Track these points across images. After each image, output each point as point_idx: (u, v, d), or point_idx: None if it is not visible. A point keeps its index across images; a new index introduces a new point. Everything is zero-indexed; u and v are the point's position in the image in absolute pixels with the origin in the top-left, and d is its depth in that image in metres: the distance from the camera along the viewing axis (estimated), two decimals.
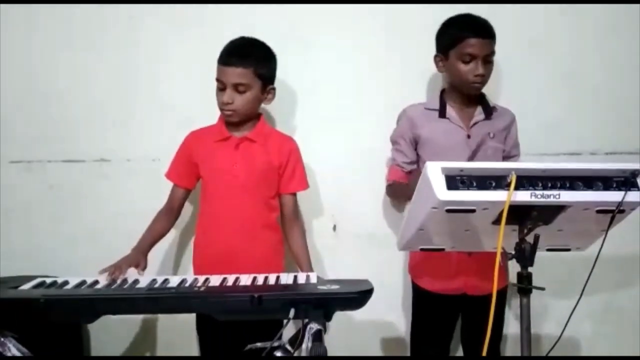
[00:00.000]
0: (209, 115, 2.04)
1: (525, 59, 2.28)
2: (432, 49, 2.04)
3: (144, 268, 1.84)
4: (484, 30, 1.94)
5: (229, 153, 1.98)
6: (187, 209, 2.20)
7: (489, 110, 2.04)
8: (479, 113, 2.03)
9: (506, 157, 2.08)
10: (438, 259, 1.98)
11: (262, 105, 2.03)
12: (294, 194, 2.08)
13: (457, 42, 1.93)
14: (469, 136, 2.00)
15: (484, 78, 1.96)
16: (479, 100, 2.04)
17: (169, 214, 2.05)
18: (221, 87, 1.93)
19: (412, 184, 2.04)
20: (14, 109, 2.29)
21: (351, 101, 2.30)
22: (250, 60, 1.91)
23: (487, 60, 1.95)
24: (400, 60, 2.28)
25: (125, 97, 2.28)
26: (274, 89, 2.00)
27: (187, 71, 2.24)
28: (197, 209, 2.12)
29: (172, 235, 2.15)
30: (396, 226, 2.30)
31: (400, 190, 2.09)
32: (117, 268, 1.76)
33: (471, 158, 1.97)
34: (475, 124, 2.01)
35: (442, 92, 2.08)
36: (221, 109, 1.95)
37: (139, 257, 1.86)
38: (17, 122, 2.29)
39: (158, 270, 2.22)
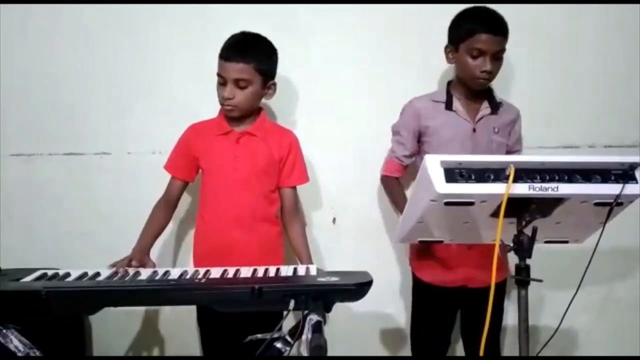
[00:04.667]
0: (210, 108, 2.04)
1: (525, 52, 2.28)
2: (434, 44, 2.04)
3: (153, 266, 1.85)
4: (496, 27, 1.92)
5: (229, 147, 1.98)
6: (185, 200, 2.21)
7: (496, 105, 2.03)
8: (485, 107, 2.02)
9: (508, 152, 2.09)
10: (438, 251, 1.99)
11: (263, 100, 2.03)
12: (294, 188, 2.08)
13: (468, 36, 1.92)
14: (474, 130, 2.00)
15: (491, 75, 1.95)
16: (486, 94, 2.04)
17: (167, 207, 2.05)
18: (222, 82, 1.93)
19: (395, 195, 2.11)
20: (14, 102, 2.29)
21: (352, 95, 2.30)
22: (251, 55, 1.91)
23: (497, 57, 1.93)
24: (401, 55, 2.28)
25: (125, 89, 2.28)
26: (274, 84, 2.00)
27: (187, 64, 2.24)
28: (195, 200, 2.13)
29: (171, 226, 2.16)
30: (395, 218, 2.30)
31: (388, 187, 2.13)
32: (122, 266, 1.77)
33: (475, 152, 1.97)
34: (481, 118, 2.01)
35: (449, 84, 2.08)
36: (222, 104, 1.95)
37: (144, 258, 1.87)
38: (17, 115, 2.29)
39: (157, 262, 2.22)
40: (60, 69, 2.28)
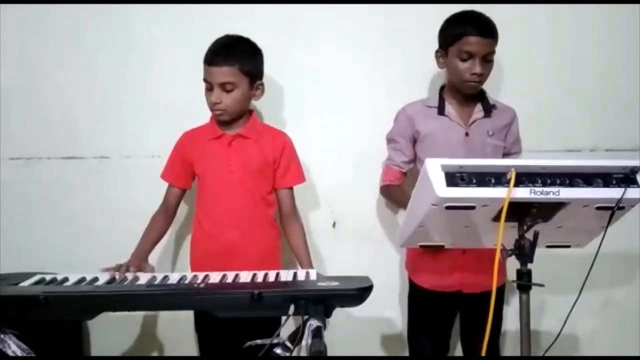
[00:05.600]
0: (208, 112, 2.04)
1: (525, 55, 2.28)
2: (431, 47, 2.04)
3: (152, 270, 1.85)
4: (485, 29, 1.91)
5: (222, 150, 1.98)
6: (183, 206, 2.20)
7: (489, 108, 2.02)
8: (478, 110, 2.01)
9: (506, 154, 2.08)
10: (434, 256, 1.98)
11: (253, 101, 2.03)
12: (291, 189, 2.07)
13: (457, 39, 1.92)
14: (467, 134, 2.00)
15: (482, 77, 1.94)
16: (479, 97, 2.03)
17: (166, 215, 2.05)
18: (209, 87, 1.92)
19: (404, 199, 2.06)
20: (14, 106, 2.29)
21: (351, 98, 2.30)
22: (234, 58, 1.90)
23: (487, 59, 1.93)
24: (400, 57, 2.28)
25: (124, 93, 2.28)
26: (262, 84, 1.99)
27: (186, 68, 2.23)
28: (193, 206, 2.12)
29: (169, 232, 2.15)
30: (395, 223, 2.30)
31: (394, 195, 2.10)
32: (117, 270, 1.76)
33: (469, 156, 1.95)
34: (474, 121, 2.00)
35: (442, 88, 2.07)
36: (211, 109, 1.95)
37: (141, 264, 1.86)
38: (17, 118, 2.29)
39: (155, 267, 2.21)
40: (59, 73, 2.28)
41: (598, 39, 2.31)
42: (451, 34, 1.94)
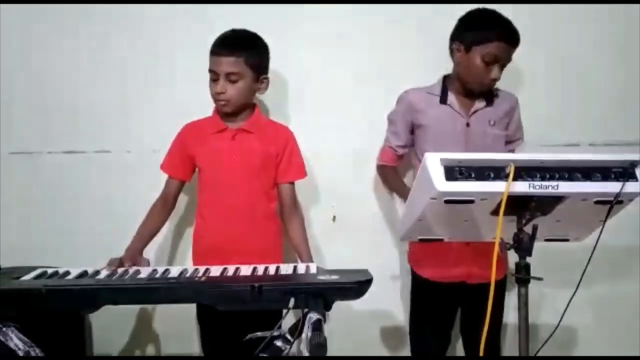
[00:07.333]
0: (209, 106, 2.04)
1: (525, 49, 2.27)
2: (433, 45, 2.04)
3: (148, 264, 1.85)
4: (514, 37, 1.92)
5: (225, 144, 1.98)
6: (182, 199, 2.20)
7: (490, 98, 2.02)
8: (480, 100, 2.01)
9: (509, 142, 2.08)
10: (438, 248, 1.98)
11: (257, 95, 2.03)
12: (292, 183, 2.08)
13: (487, 41, 1.89)
14: (468, 124, 2.00)
15: (496, 81, 1.96)
16: None
17: (164, 207, 2.05)
18: (214, 78, 1.93)
19: (397, 184, 2.13)
20: (15, 100, 2.29)
21: (353, 94, 2.30)
22: (241, 49, 1.92)
23: (504, 65, 1.94)
24: (401, 53, 2.28)
25: (125, 88, 2.28)
26: (267, 78, 2.00)
27: (188, 62, 2.24)
28: (192, 199, 2.12)
29: (167, 226, 2.16)
30: (395, 216, 2.31)
31: (388, 177, 2.17)
32: (113, 265, 1.77)
33: (469, 147, 1.96)
34: (475, 112, 2.00)
35: (445, 77, 2.07)
36: (215, 100, 1.95)
37: (136, 258, 1.86)
38: (18, 113, 2.30)
39: (154, 262, 2.22)
40: (60, 68, 2.28)
41: (598, 34, 2.31)
42: (481, 35, 1.91)
